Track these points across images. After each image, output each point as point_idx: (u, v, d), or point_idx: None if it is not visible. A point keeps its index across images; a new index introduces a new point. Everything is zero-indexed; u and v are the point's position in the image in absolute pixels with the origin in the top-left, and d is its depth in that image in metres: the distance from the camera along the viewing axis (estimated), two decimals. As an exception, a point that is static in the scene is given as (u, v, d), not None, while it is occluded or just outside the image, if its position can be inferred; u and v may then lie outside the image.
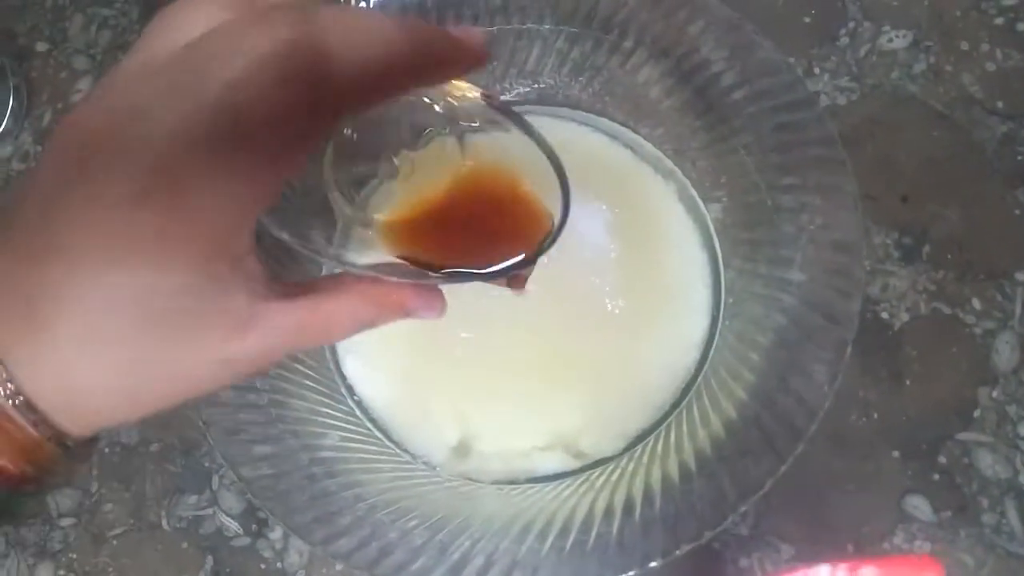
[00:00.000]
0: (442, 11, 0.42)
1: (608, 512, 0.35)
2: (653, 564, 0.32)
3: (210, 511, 0.45)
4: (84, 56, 0.56)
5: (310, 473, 0.37)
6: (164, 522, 0.45)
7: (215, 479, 0.45)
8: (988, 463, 0.42)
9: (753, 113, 0.40)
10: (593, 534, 0.34)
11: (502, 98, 0.46)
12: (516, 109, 0.45)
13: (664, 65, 0.42)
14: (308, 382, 0.40)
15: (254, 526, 0.44)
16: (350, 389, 0.41)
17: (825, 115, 0.37)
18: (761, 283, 0.39)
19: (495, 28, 0.43)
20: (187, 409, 0.36)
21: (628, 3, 0.41)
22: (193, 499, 0.45)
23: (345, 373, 0.42)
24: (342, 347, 0.42)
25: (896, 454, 0.42)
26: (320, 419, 0.38)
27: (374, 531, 0.35)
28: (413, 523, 0.36)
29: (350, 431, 0.39)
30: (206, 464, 0.45)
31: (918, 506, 0.41)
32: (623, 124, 0.45)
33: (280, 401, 0.38)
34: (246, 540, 0.44)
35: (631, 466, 0.38)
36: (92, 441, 0.21)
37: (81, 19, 0.56)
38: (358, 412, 0.41)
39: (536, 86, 0.46)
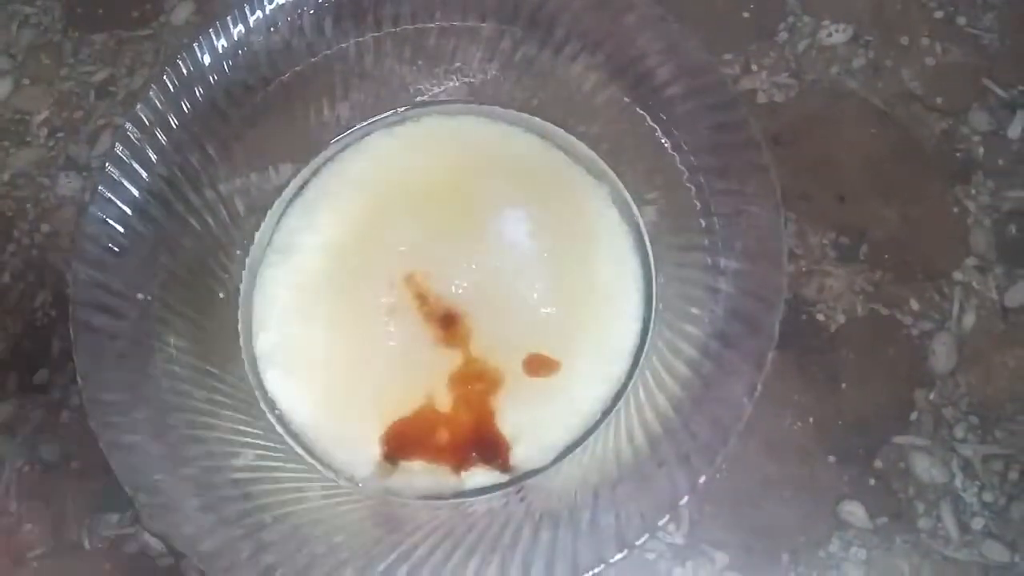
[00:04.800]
0: (359, 11, 0.40)
1: (535, 526, 0.34)
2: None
3: (133, 530, 0.43)
4: (4, 56, 0.54)
5: (227, 495, 0.35)
6: (86, 542, 0.43)
7: (138, 497, 0.43)
8: (925, 467, 0.41)
9: (689, 111, 0.39)
10: (520, 548, 0.33)
11: (430, 95, 0.44)
12: (447, 108, 0.45)
13: (597, 58, 0.41)
14: (225, 399, 0.38)
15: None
16: (271, 404, 0.40)
17: (748, 116, 0.36)
18: (691, 290, 0.38)
19: (415, 26, 0.41)
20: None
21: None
22: (116, 518, 0.43)
23: (266, 388, 0.40)
24: (263, 361, 0.41)
25: (832, 459, 0.41)
26: (234, 438, 0.37)
27: (300, 547, 0.34)
28: (339, 539, 0.35)
29: (268, 448, 0.38)
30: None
31: (854, 512, 0.41)
32: (557, 124, 0.43)
33: (193, 421, 0.36)
34: (170, 560, 0.43)
35: (558, 479, 0.37)
36: None
37: (0, 17, 0.54)
38: (279, 428, 0.39)
39: (467, 85, 0.44)
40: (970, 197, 0.45)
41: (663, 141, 0.39)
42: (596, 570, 0.30)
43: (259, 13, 0.40)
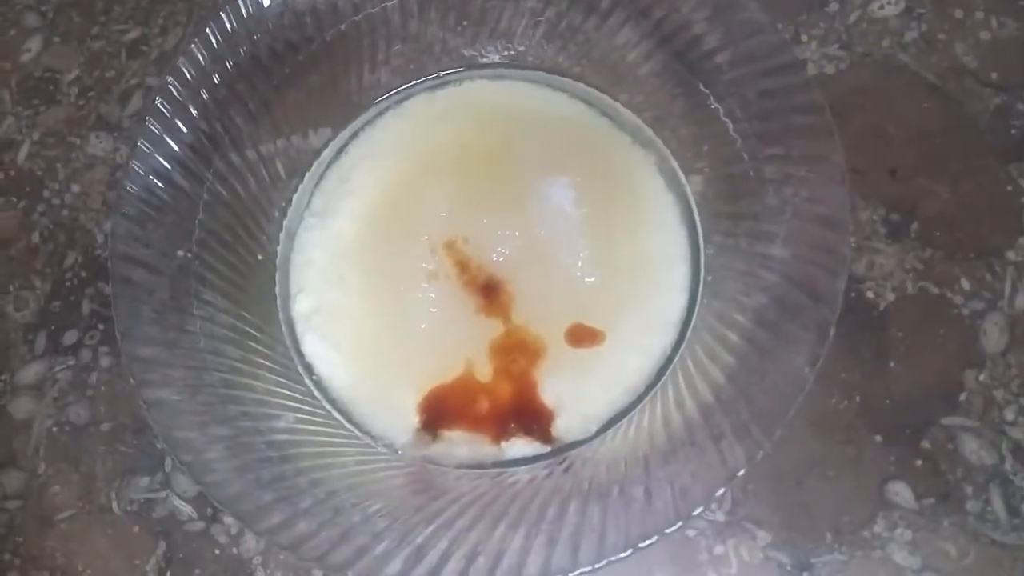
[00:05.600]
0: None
1: (581, 499, 0.33)
2: (627, 553, 0.30)
3: (163, 494, 0.42)
4: (35, 13, 0.53)
5: (265, 457, 0.35)
6: (114, 505, 0.43)
7: (168, 461, 0.43)
8: (973, 449, 0.40)
9: (736, 78, 0.37)
10: (568, 521, 0.32)
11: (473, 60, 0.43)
12: (489, 72, 0.44)
13: (643, 27, 0.40)
14: (263, 360, 0.38)
15: (209, 510, 0.42)
16: (308, 368, 0.39)
17: (812, 81, 0.35)
18: (742, 259, 0.37)
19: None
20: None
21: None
22: (145, 481, 0.43)
23: (304, 352, 0.39)
24: (301, 325, 0.40)
25: (878, 439, 0.40)
26: (272, 400, 0.36)
27: (335, 515, 0.33)
28: (375, 507, 0.34)
29: (306, 412, 0.37)
30: (159, 445, 0.43)
31: (900, 493, 0.40)
32: (601, 90, 0.42)
33: (230, 380, 0.36)
34: (200, 524, 0.42)
35: (603, 450, 0.36)
36: None
37: (31, -27, 0.53)
38: (316, 392, 0.38)
39: (510, 50, 0.43)
40: (1024, 175, 0.44)
41: (714, 107, 0.38)
42: (650, 541, 0.29)
43: (304, -32, 0.39)
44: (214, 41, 0.38)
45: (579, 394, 0.38)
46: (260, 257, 0.40)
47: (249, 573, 0.41)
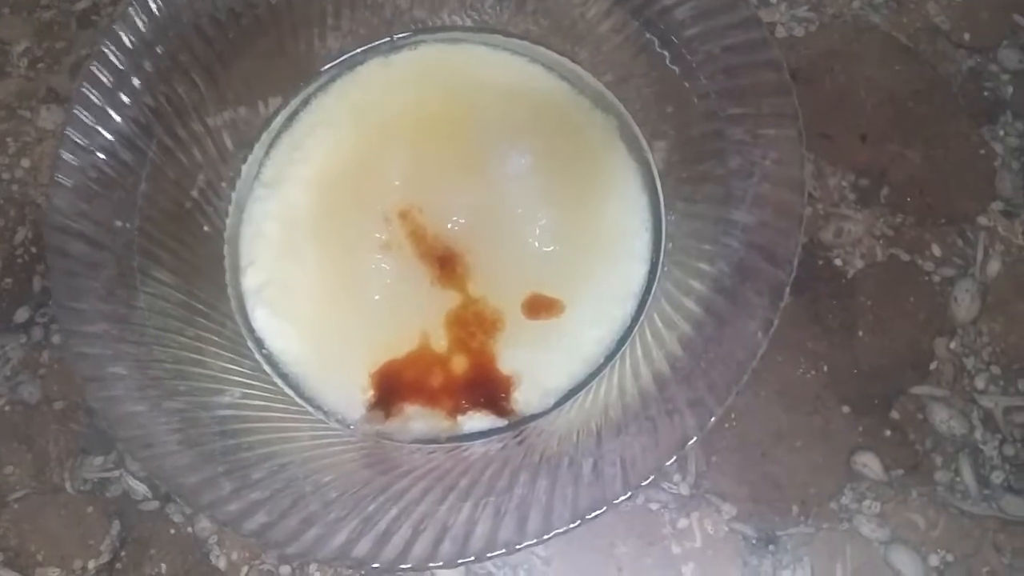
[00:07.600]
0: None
1: (531, 471, 0.32)
2: (575, 524, 0.30)
3: (117, 473, 0.42)
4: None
5: (214, 432, 0.34)
6: (68, 485, 0.42)
7: (122, 439, 0.42)
8: (943, 418, 0.39)
9: (699, 34, 0.36)
10: (516, 493, 0.31)
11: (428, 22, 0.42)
12: (446, 35, 0.42)
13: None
14: (213, 336, 0.37)
15: (164, 489, 0.41)
16: (259, 343, 0.38)
17: (771, 38, 0.33)
18: (704, 225, 0.36)
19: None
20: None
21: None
22: (99, 460, 0.42)
23: (254, 326, 0.38)
24: (252, 299, 0.39)
25: (846, 409, 0.40)
26: (221, 375, 0.35)
27: (286, 486, 0.32)
28: (327, 479, 0.33)
29: (255, 387, 0.36)
30: (111, 424, 0.42)
31: (868, 464, 0.39)
32: (561, 53, 0.41)
33: (179, 356, 0.34)
34: (155, 504, 0.41)
35: (559, 422, 0.35)
36: None
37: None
38: (267, 367, 0.37)
39: (465, 10, 0.42)
40: (997, 138, 0.43)
41: (672, 67, 0.37)
42: (598, 512, 0.29)
43: (246, -71, 0.37)
44: (154, 8, 0.36)
45: (537, 366, 0.37)
46: (207, 229, 0.39)
47: (204, 552, 0.40)
